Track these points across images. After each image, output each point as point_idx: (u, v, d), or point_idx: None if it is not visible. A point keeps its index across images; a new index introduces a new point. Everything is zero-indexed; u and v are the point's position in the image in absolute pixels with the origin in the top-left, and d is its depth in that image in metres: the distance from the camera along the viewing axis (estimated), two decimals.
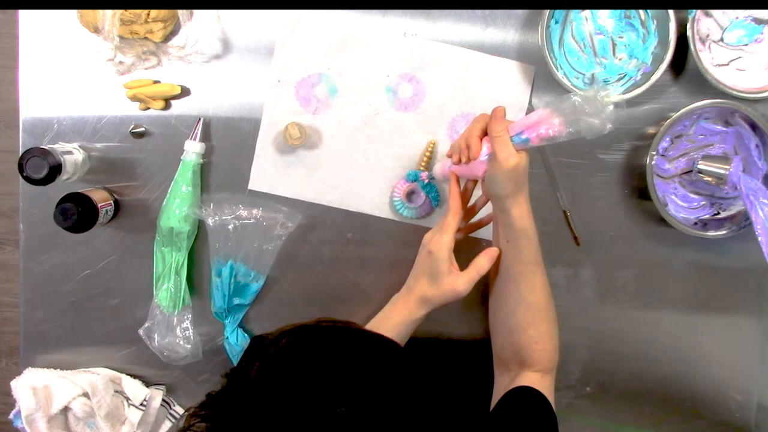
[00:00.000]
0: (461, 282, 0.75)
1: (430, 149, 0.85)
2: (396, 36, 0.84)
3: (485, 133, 0.72)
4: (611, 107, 0.63)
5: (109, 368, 0.89)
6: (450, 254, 0.75)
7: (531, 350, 0.75)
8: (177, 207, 0.83)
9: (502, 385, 0.78)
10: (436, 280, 0.76)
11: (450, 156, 0.76)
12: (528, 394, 0.72)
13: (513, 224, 0.72)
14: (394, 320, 0.78)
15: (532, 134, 0.67)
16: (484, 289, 0.84)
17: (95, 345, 0.89)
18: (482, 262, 0.75)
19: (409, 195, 0.86)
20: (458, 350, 0.90)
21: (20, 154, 0.77)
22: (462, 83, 0.85)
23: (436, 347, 0.90)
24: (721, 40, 0.83)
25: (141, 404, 0.87)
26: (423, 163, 0.85)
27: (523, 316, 0.75)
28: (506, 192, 0.70)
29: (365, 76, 0.85)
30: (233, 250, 0.84)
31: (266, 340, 0.52)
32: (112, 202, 0.84)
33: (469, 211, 0.82)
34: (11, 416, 0.83)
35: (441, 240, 0.75)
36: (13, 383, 0.85)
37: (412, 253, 0.81)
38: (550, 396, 0.74)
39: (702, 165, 0.83)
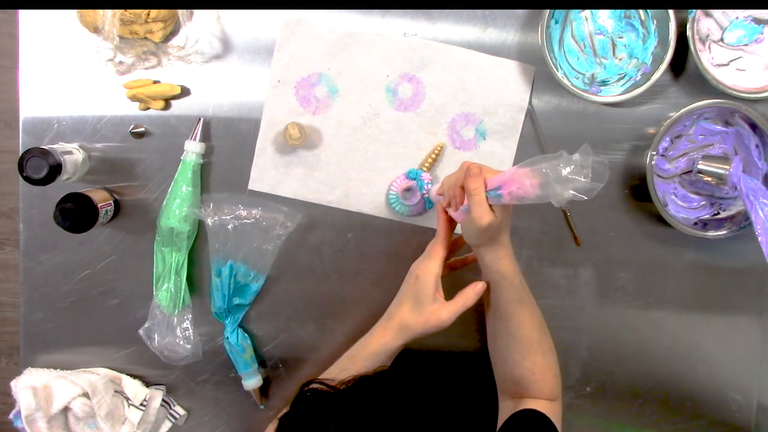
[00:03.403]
0: (446, 311, 0.72)
1: (436, 152, 0.85)
2: (396, 36, 0.84)
3: (462, 185, 0.68)
4: (583, 179, 0.58)
5: (109, 368, 0.89)
6: (437, 282, 0.73)
7: (530, 381, 0.74)
8: (177, 207, 0.83)
9: (506, 410, 0.77)
10: (420, 307, 0.73)
11: (440, 194, 0.74)
12: (533, 417, 0.72)
13: (489, 268, 0.71)
14: (369, 349, 0.76)
15: (505, 191, 0.63)
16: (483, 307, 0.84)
17: (95, 345, 0.89)
18: (470, 294, 0.73)
19: (406, 192, 0.86)
20: (462, 363, 0.89)
21: (20, 154, 0.77)
22: (462, 83, 0.85)
23: (439, 360, 0.89)
24: (721, 40, 0.83)
25: (141, 404, 0.87)
26: (427, 164, 0.85)
27: (517, 351, 0.74)
28: (478, 243, 0.70)
29: (365, 76, 0.85)
30: (233, 250, 0.84)
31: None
32: (112, 202, 0.84)
33: (458, 240, 0.80)
34: (11, 416, 0.83)
35: (428, 266, 0.73)
36: (13, 383, 0.85)
37: (411, 253, 0.81)
38: (557, 422, 0.73)
39: (702, 165, 0.83)
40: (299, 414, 0.62)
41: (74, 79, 0.84)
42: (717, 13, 0.82)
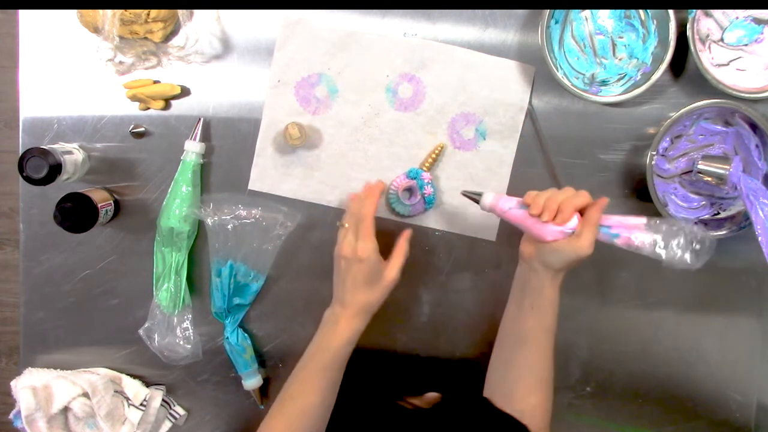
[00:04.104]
0: (394, 271, 0.77)
1: (437, 152, 0.85)
2: (396, 36, 0.84)
3: (578, 209, 0.71)
4: (706, 252, 0.67)
5: (109, 368, 0.89)
6: (378, 254, 0.76)
7: (531, 416, 0.74)
8: (177, 207, 0.83)
9: None
10: (374, 284, 0.76)
11: (526, 203, 0.72)
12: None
13: (543, 293, 0.73)
14: (337, 344, 0.75)
15: (623, 234, 0.70)
16: (483, 309, 0.84)
17: (95, 345, 0.89)
18: (403, 244, 0.79)
19: (406, 191, 0.86)
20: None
21: (20, 154, 0.77)
22: (462, 83, 0.85)
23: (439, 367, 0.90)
24: (721, 40, 0.83)
25: (141, 404, 0.87)
26: (427, 164, 0.85)
27: (529, 384, 0.75)
28: (557, 267, 0.72)
29: (365, 76, 0.85)
30: (233, 250, 0.84)
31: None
32: (112, 202, 0.84)
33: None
34: (11, 416, 0.83)
35: (368, 247, 0.75)
36: (13, 383, 0.85)
37: (411, 252, 0.81)
38: None
39: (702, 165, 0.83)
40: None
41: (74, 79, 0.84)
42: (717, 13, 0.82)
